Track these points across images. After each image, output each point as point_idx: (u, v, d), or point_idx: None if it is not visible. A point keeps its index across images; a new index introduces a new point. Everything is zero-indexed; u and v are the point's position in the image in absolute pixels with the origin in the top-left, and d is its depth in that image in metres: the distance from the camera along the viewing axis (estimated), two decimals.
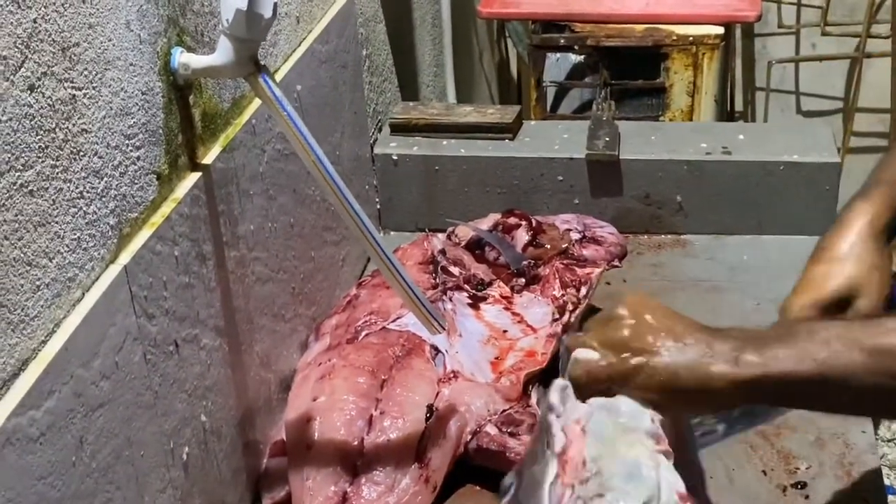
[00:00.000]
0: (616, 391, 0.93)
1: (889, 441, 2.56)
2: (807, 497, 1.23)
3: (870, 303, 1.03)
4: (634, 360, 0.91)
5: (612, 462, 0.91)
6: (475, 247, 1.70)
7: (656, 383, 0.90)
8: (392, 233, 1.83)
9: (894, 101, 3.04)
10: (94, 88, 0.95)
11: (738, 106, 3.15)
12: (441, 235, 1.70)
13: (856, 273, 1.00)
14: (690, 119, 2.13)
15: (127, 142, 1.01)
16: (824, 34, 2.99)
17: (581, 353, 0.95)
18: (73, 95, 0.92)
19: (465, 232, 1.73)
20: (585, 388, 0.95)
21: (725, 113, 2.43)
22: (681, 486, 0.90)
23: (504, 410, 1.33)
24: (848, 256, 1.01)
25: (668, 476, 0.91)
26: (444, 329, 1.25)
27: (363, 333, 1.43)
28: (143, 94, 1.04)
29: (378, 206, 1.85)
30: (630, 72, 2.13)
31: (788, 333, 0.88)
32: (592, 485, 0.90)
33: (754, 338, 0.90)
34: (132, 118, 1.02)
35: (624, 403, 0.93)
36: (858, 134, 3.09)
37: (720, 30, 2.11)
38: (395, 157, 1.82)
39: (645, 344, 0.91)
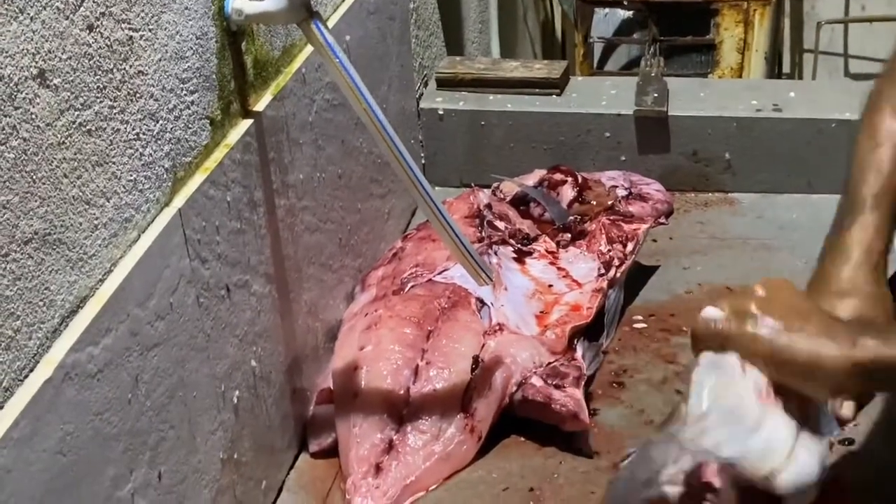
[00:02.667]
0: (728, 350, 0.94)
1: None
2: (854, 453, 1.22)
3: None
4: (753, 326, 0.92)
5: (716, 412, 0.91)
6: (520, 203, 1.70)
7: (768, 350, 0.91)
8: (437, 188, 1.83)
9: None
10: (150, 31, 0.95)
11: (786, 68, 3.11)
12: (486, 191, 1.69)
13: (860, 308, 0.99)
14: (740, 76, 2.10)
15: (181, 86, 1.01)
16: None
17: (707, 311, 0.96)
18: (131, 37, 0.92)
19: (510, 188, 1.72)
20: (700, 341, 0.95)
21: (774, 72, 2.40)
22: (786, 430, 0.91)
23: (549, 363, 1.33)
24: (850, 291, 1.00)
25: (774, 421, 0.91)
26: (491, 280, 1.26)
27: (409, 285, 1.43)
28: (197, 38, 1.04)
29: (423, 161, 1.85)
30: (679, 28, 2.11)
31: None
32: (695, 432, 0.91)
33: (876, 324, 0.92)
34: (186, 62, 1.02)
35: (730, 358, 0.93)
36: None
37: None
38: (440, 112, 1.82)
39: (769, 314, 0.92)
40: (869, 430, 1.25)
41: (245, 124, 1.13)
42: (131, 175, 0.93)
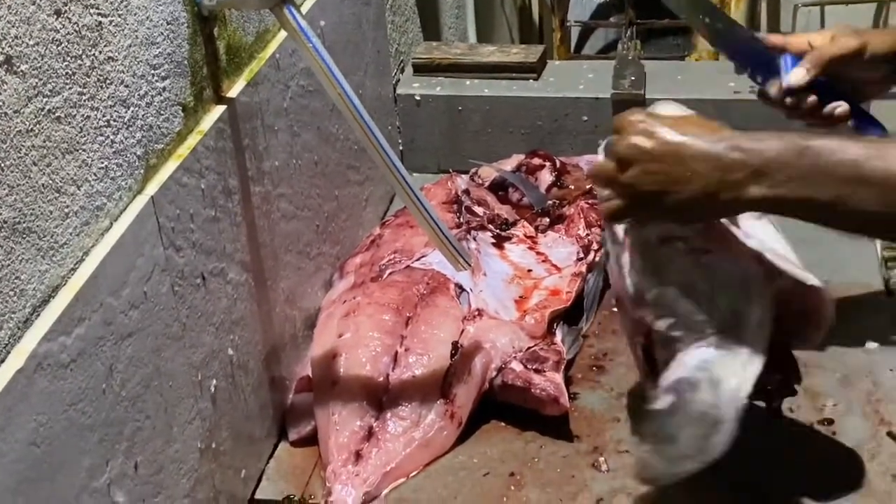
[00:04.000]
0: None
1: None
2: (833, 433, 1.23)
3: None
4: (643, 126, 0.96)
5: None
6: (498, 188, 1.69)
7: (662, 143, 0.95)
8: (415, 174, 1.82)
9: None
10: (119, 16, 0.94)
11: None
12: (464, 176, 1.69)
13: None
14: (717, 59, 2.10)
15: (153, 72, 1.00)
16: None
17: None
18: (100, 22, 0.91)
19: (488, 173, 1.72)
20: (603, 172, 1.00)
21: None
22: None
23: (529, 348, 1.33)
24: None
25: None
26: (469, 266, 1.25)
27: (387, 272, 1.42)
28: (168, 23, 1.03)
29: (401, 147, 1.84)
30: (656, 11, 2.10)
31: (803, 163, 0.89)
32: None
33: (770, 162, 0.91)
34: (157, 48, 1.01)
35: None
36: None
37: None
38: (417, 98, 1.81)
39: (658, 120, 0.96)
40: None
41: (218, 110, 1.11)
42: (102, 162, 0.92)
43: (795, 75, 1.16)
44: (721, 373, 1.00)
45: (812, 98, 1.18)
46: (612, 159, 0.98)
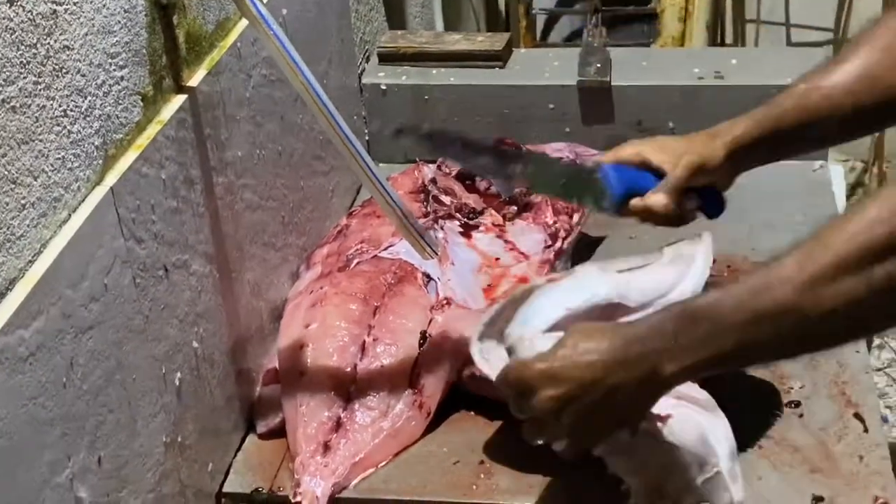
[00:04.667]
0: None
1: (878, 370, 2.58)
2: (801, 416, 1.23)
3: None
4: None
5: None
6: (466, 177, 1.68)
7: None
8: (381, 164, 1.81)
9: None
10: (74, 4, 0.92)
11: (729, 38, 3.12)
12: (431, 165, 1.68)
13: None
14: (682, 45, 2.10)
15: (110, 61, 0.99)
16: None
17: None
18: (54, 10, 0.89)
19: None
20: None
21: (716, 42, 2.41)
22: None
23: None
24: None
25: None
26: (436, 254, 1.24)
27: (355, 262, 1.41)
28: (125, 11, 1.01)
29: (367, 138, 1.83)
30: None
31: (692, 333, 0.91)
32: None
33: (663, 349, 0.92)
34: (115, 37, 0.99)
35: None
36: None
37: None
38: (383, 87, 1.80)
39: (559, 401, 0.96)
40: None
41: (179, 100, 1.10)
42: (59, 153, 0.90)
43: (657, 203, 1.16)
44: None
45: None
46: (532, 414, 0.99)
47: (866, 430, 1.20)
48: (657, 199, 1.16)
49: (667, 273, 1.22)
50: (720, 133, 1.16)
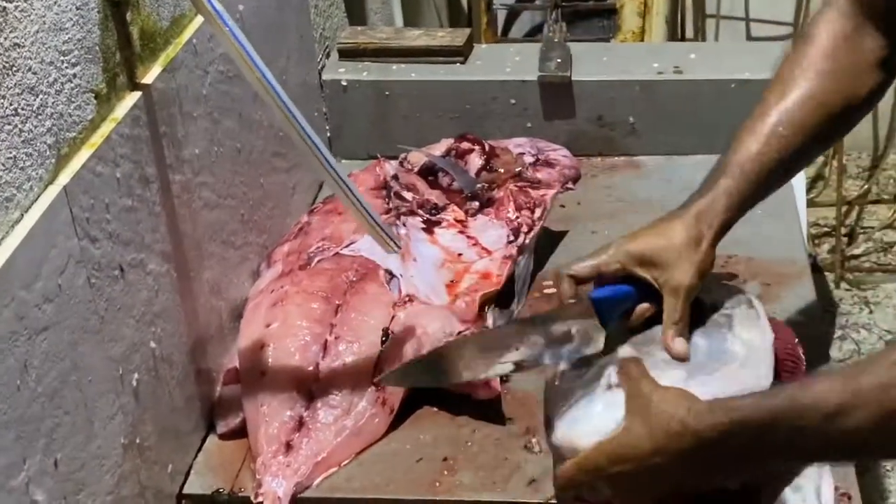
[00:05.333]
0: None
1: (840, 362, 2.60)
2: None
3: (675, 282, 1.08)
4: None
5: None
6: (428, 173, 1.68)
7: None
8: (343, 161, 1.80)
9: None
10: (25, 1, 0.91)
11: (689, 33, 3.13)
12: (393, 162, 1.67)
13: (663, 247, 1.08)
14: (642, 40, 2.11)
15: (62, 58, 0.97)
16: None
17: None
18: (4, 7, 0.88)
19: (417, 158, 1.70)
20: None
21: (676, 37, 2.42)
22: None
23: (460, 332, 1.32)
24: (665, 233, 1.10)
25: None
26: (399, 248, 1.24)
27: (316, 259, 1.41)
28: (77, 8, 1.00)
29: (328, 135, 1.82)
30: None
31: (745, 441, 0.90)
32: None
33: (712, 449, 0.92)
34: (67, 33, 0.98)
35: None
36: None
37: None
38: (344, 83, 1.79)
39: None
40: None
41: (133, 97, 1.09)
42: (10, 152, 0.89)
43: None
44: None
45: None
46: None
47: None
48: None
49: (743, 378, 1.06)
50: (702, 232, 1.09)
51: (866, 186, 2.93)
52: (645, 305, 1.10)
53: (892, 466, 2.18)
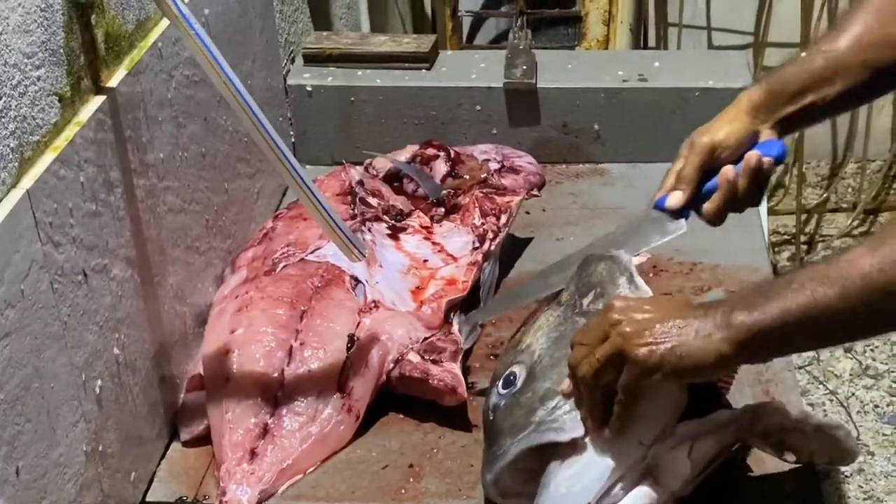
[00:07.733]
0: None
1: (800, 368, 2.63)
2: None
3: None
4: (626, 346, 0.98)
5: None
6: (393, 179, 1.68)
7: (657, 363, 0.97)
8: (308, 166, 1.79)
9: (804, 36, 3.08)
10: None
11: (652, 41, 3.16)
12: (359, 167, 1.67)
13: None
14: (606, 48, 2.12)
15: (26, 60, 0.96)
16: None
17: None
18: None
19: (382, 164, 1.70)
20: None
21: (640, 45, 2.44)
22: None
23: (426, 338, 1.32)
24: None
25: None
26: (364, 256, 1.23)
27: (281, 265, 1.40)
28: (41, 10, 0.98)
29: (293, 140, 1.81)
30: (546, 0, 2.12)
31: (768, 289, 0.94)
32: None
33: (738, 300, 0.96)
34: (31, 36, 0.97)
35: None
36: (768, 69, 3.13)
37: None
38: (309, 89, 1.78)
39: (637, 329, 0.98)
40: None
41: (97, 101, 1.08)
42: None
43: (673, 201, 1.18)
44: None
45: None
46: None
47: None
48: (672, 197, 1.19)
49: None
50: (761, 113, 1.16)
51: (825, 195, 2.97)
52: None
53: (850, 472, 2.21)
